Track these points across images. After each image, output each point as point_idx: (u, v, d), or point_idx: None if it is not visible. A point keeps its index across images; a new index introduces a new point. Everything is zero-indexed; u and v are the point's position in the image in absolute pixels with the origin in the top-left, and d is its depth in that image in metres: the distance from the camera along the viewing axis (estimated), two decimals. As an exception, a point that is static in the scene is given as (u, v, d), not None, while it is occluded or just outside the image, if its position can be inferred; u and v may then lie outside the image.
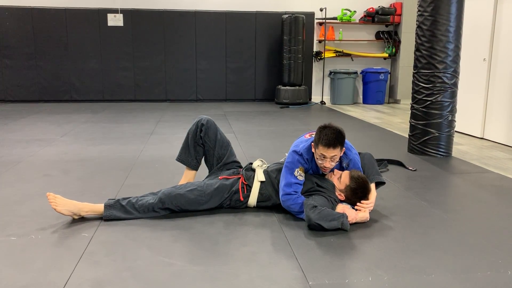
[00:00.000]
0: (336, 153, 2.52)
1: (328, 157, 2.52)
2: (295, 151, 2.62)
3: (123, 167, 3.72)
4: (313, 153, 2.61)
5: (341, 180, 2.62)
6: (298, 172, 2.58)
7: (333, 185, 2.63)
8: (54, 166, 3.74)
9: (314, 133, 2.68)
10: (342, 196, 2.62)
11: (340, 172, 2.67)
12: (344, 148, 2.60)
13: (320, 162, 2.57)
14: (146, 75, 8.46)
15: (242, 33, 8.54)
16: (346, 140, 2.61)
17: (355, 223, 2.48)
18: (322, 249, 2.19)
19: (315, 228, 2.39)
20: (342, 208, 2.52)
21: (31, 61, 8.13)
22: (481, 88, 5.23)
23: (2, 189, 3.11)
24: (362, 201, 2.55)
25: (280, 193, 2.60)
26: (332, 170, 2.69)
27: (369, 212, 2.57)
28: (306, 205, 2.44)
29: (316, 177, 2.67)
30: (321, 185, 2.62)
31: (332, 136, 2.48)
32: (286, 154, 2.98)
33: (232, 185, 2.69)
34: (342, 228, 2.38)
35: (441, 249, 2.22)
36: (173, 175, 3.43)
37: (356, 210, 2.53)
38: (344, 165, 2.67)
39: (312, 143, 2.59)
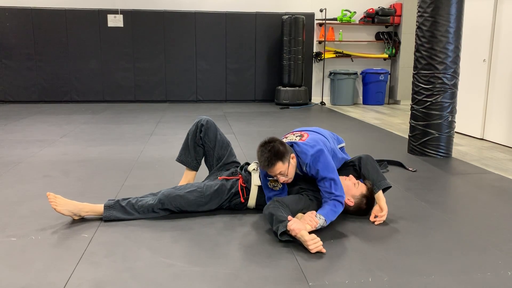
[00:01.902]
0: (280, 169, 2.38)
1: (274, 175, 2.43)
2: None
3: (123, 168, 3.72)
4: None
5: (358, 187, 2.58)
6: (271, 184, 2.56)
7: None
8: (54, 167, 3.74)
9: (287, 136, 2.66)
10: (351, 202, 2.57)
11: (356, 180, 2.62)
12: (290, 158, 2.42)
13: (273, 178, 2.50)
14: (146, 76, 8.46)
15: (242, 34, 8.55)
16: (300, 143, 2.50)
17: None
18: (322, 249, 2.19)
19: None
20: (305, 216, 2.33)
21: (31, 61, 8.14)
22: (481, 89, 5.23)
23: (2, 189, 3.11)
24: (379, 214, 2.51)
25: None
26: (347, 175, 2.64)
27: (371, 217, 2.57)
28: (280, 201, 2.41)
29: (300, 179, 2.59)
30: (306, 187, 2.57)
31: (266, 156, 2.36)
32: None
33: (231, 186, 2.68)
34: (275, 234, 2.26)
35: (441, 249, 2.22)
36: (173, 175, 3.43)
37: (373, 222, 2.51)
38: (304, 169, 2.48)
39: None
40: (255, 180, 2.67)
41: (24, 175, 3.49)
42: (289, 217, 2.26)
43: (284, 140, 2.60)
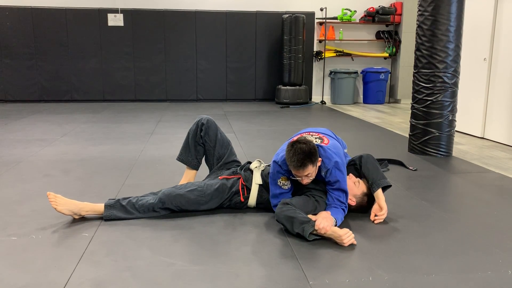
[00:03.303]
0: (309, 171, 2.38)
1: (301, 176, 2.42)
2: (275, 161, 2.54)
3: (123, 167, 3.72)
4: None
5: (359, 186, 2.59)
6: (281, 182, 2.52)
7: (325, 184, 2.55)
8: (54, 166, 3.74)
9: (306, 135, 2.63)
10: (353, 202, 2.58)
11: (356, 178, 2.62)
12: (318, 162, 2.43)
13: (296, 178, 2.47)
14: (146, 75, 8.46)
15: (243, 33, 8.54)
16: (325, 147, 2.50)
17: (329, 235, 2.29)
18: (323, 248, 2.19)
19: (284, 226, 2.35)
20: (323, 216, 2.35)
21: (31, 61, 8.14)
22: (482, 88, 5.23)
23: (2, 189, 3.11)
24: (378, 213, 2.51)
25: (272, 204, 2.58)
26: (347, 173, 2.62)
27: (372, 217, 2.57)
28: (281, 201, 2.42)
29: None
30: (313, 187, 2.56)
31: (300, 157, 2.33)
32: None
33: (232, 185, 2.68)
34: (303, 235, 2.24)
35: (441, 248, 2.22)
36: (174, 175, 3.43)
37: (373, 221, 2.50)
38: (322, 173, 2.48)
39: None
40: (257, 179, 2.67)
41: (24, 174, 3.49)
42: (312, 217, 2.33)
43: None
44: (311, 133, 2.71)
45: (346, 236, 2.19)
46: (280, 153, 2.55)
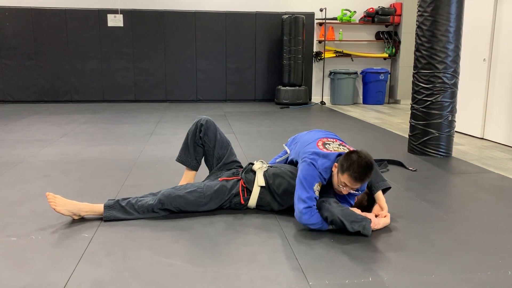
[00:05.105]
0: (360, 186, 2.39)
1: (350, 188, 2.38)
2: (314, 166, 2.42)
3: (123, 168, 3.72)
4: (331, 172, 2.45)
5: None
6: (317, 187, 2.42)
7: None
8: (54, 167, 3.74)
9: (325, 142, 2.60)
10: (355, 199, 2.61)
11: None
12: None
13: (340, 186, 2.41)
14: (146, 76, 8.46)
15: (242, 33, 8.54)
16: None
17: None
18: (322, 249, 2.19)
19: (336, 224, 2.33)
20: (364, 213, 2.43)
21: (31, 61, 8.14)
22: (481, 88, 5.23)
23: (2, 189, 3.11)
24: (379, 213, 2.51)
25: (300, 206, 2.37)
26: None
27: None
28: (326, 201, 2.39)
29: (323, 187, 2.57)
30: (325, 191, 2.54)
31: (362, 170, 2.30)
32: (284, 146, 2.96)
33: (232, 187, 2.68)
34: (363, 233, 2.30)
35: (441, 249, 2.22)
36: (173, 175, 3.43)
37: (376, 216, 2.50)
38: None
39: (336, 165, 2.41)
40: (259, 181, 2.66)
41: (24, 175, 3.49)
42: (365, 215, 2.40)
43: (328, 146, 2.57)
44: (335, 140, 2.67)
45: (389, 218, 2.47)
46: (318, 160, 2.44)
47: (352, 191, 2.42)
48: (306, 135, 2.78)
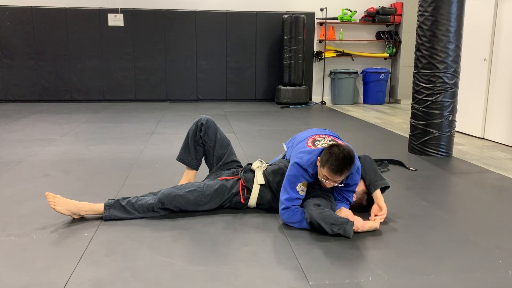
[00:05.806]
0: (342, 178, 2.40)
1: (332, 180, 2.40)
2: (298, 165, 2.44)
3: (123, 167, 3.72)
4: (318, 167, 2.45)
5: (359, 184, 2.60)
6: (300, 187, 2.45)
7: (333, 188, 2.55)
8: (54, 166, 3.74)
9: (316, 138, 2.62)
10: (354, 198, 2.61)
11: None
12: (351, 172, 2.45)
13: (322, 180, 2.42)
14: (146, 75, 8.46)
15: (243, 33, 8.54)
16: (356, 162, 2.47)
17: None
18: (322, 249, 2.19)
19: (315, 228, 2.36)
20: (346, 214, 2.43)
21: (32, 61, 8.14)
22: (482, 88, 5.23)
23: (2, 188, 3.11)
24: (378, 213, 2.51)
25: (280, 206, 2.46)
26: None
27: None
28: (308, 202, 2.42)
29: (316, 183, 2.57)
30: (319, 188, 2.55)
31: (345, 164, 2.32)
32: (284, 145, 2.96)
33: (232, 186, 2.68)
34: (344, 235, 2.29)
35: (441, 249, 2.22)
36: (174, 175, 3.43)
37: (372, 220, 2.49)
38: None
39: (319, 158, 2.42)
40: (259, 179, 2.66)
41: (24, 174, 3.49)
42: (353, 218, 2.38)
43: (317, 143, 2.57)
44: (328, 136, 2.67)
45: (378, 223, 2.42)
46: (304, 157, 2.46)
47: (336, 184, 2.41)
48: (301, 134, 2.80)
